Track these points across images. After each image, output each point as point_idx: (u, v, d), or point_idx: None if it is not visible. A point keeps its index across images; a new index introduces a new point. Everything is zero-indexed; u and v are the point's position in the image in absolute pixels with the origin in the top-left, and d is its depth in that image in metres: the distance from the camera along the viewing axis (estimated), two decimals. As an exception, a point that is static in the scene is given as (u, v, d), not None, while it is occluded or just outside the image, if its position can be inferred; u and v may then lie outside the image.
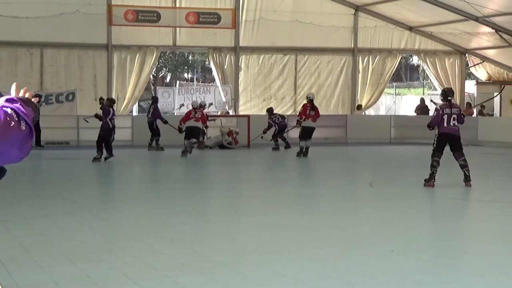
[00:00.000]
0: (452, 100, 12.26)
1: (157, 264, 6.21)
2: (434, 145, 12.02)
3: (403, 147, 22.93)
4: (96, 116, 17.79)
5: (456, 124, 11.93)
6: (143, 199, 11.03)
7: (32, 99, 2.60)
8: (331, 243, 7.27)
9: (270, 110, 21.95)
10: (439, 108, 12.13)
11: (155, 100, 21.34)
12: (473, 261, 6.70)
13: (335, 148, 22.39)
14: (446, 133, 11.90)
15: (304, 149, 18.44)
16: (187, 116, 19.34)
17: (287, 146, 21.21)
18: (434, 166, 11.90)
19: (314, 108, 18.89)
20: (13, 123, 2.43)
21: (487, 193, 11.45)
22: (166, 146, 20.24)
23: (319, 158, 19.51)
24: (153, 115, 20.47)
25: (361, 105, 26.08)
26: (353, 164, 18.64)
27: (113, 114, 17.25)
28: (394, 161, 18.67)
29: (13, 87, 2.65)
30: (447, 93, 12.26)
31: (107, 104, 17.26)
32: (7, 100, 2.53)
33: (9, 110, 2.47)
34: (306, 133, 18.54)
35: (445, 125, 11.87)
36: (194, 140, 19.19)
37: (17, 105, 2.51)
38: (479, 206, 10.87)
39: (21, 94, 2.61)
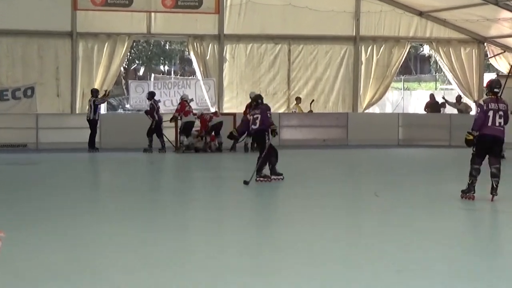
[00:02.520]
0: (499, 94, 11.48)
1: (131, 284, 6.24)
2: (473, 149, 11.42)
3: (413, 149, 23.01)
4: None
5: (502, 124, 11.29)
6: (116, 211, 11.01)
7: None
8: (328, 261, 7.32)
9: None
10: (482, 103, 11.42)
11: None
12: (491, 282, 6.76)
13: (334, 150, 22.46)
14: (489, 134, 11.25)
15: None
16: (183, 108, 20.72)
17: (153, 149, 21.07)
18: (473, 176, 11.34)
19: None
20: None
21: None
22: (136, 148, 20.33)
23: (316, 162, 19.57)
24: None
25: (444, 103, 25.64)
26: (355, 169, 18.69)
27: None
28: (403, 166, 18.72)
29: None
30: (493, 85, 11.53)
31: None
32: None
33: None
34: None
35: (489, 124, 11.19)
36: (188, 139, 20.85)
37: None
38: (503, 218, 10.94)
39: None
